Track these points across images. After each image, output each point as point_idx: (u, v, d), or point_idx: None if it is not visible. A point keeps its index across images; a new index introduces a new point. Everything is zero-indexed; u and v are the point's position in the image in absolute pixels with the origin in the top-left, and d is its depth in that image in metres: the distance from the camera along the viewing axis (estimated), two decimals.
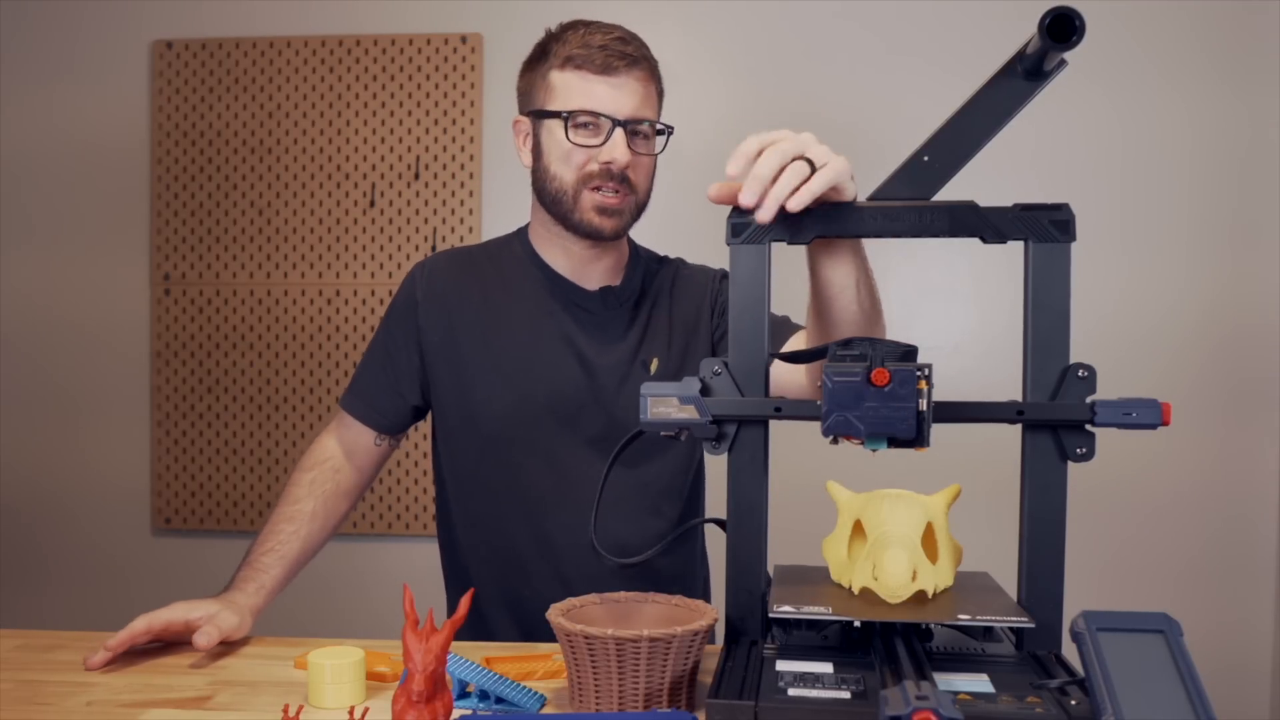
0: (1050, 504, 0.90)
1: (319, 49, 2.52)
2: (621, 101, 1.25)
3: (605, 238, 1.30)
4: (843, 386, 0.83)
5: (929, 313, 2.40)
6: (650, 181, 1.32)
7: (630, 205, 1.29)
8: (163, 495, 2.58)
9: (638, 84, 1.27)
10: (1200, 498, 2.35)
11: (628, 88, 1.25)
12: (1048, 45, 0.82)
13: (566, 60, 1.26)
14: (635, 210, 1.31)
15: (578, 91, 1.25)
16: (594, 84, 1.25)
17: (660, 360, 1.33)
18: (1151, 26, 2.34)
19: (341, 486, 1.38)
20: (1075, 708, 0.75)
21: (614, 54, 1.25)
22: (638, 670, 0.87)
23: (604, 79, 1.25)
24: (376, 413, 1.39)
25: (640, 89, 1.27)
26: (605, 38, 1.26)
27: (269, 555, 1.28)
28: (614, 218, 1.28)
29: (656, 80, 1.31)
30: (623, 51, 1.25)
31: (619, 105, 1.25)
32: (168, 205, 2.56)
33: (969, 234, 0.91)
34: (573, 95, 1.25)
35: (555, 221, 1.32)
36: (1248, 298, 2.33)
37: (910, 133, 1.00)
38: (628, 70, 1.26)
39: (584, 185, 1.27)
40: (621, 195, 1.27)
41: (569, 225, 1.30)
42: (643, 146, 1.28)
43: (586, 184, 1.27)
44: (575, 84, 1.25)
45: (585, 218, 1.28)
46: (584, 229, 1.29)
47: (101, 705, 0.97)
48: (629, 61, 1.26)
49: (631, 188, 1.28)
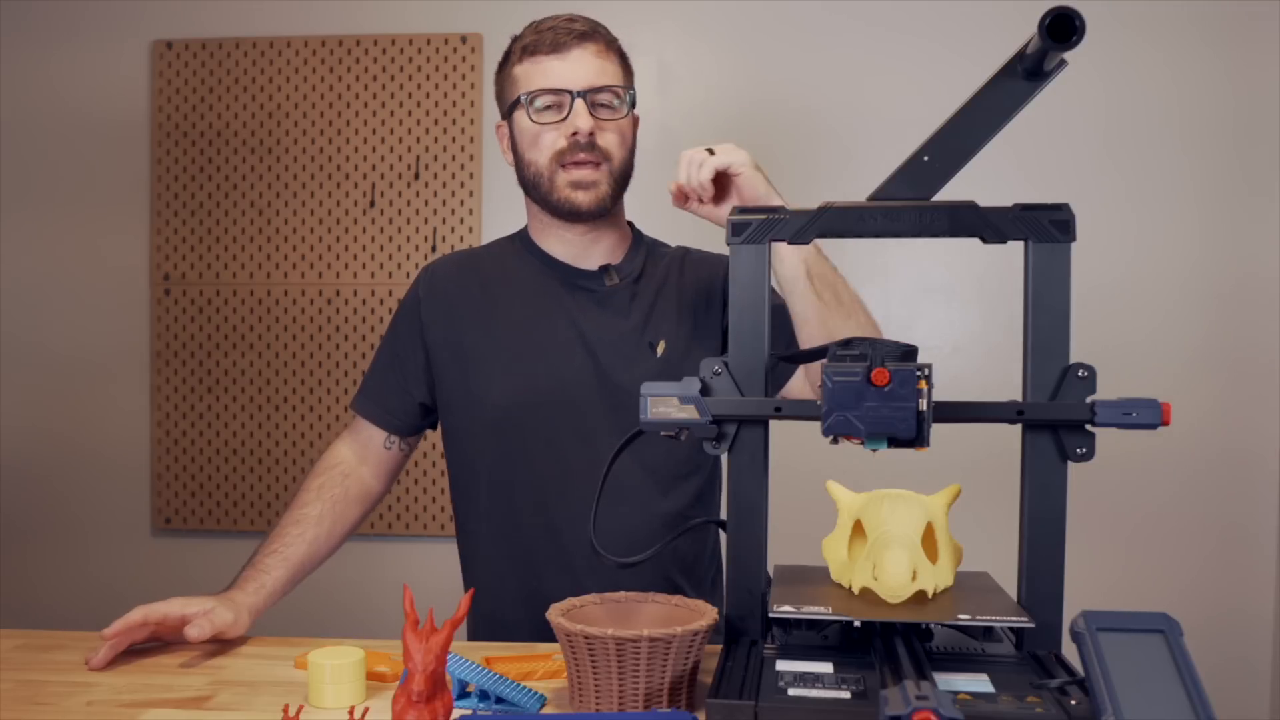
0: (1050, 504, 0.90)
1: (319, 49, 2.52)
2: (576, 73, 1.28)
3: (584, 213, 1.31)
4: (843, 386, 0.83)
5: (929, 313, 2.40)
6: (626, 149, 1.33)
7: (606, 175, 1.30)
8: (163, 495, 2.58)
9: (591, 56, 1.30)
10: (1200, 498, 2.35)
11: (580, 60, 1.29)
12: (1048, 45, 0.82)
13: (523, 51, 1.31)
14: (613, 180, 1.32)
15: (535, 75, 1.30)
16: (547, 64, 1.29)
17: (668, 342, 1.33)
18: (1152, 19, 2.34)
19: (351, 492, 1.38)
20: (1075, 708, 0.75)
21: (562, 32, 1.29)
22: (638, 670, 0.87)
23: (556, 57, 1.29)
24: (386, 412, 1.40)
25: (594, 60, 1.30)
26: (555, 21, 1.31)
27: (272, 557, 1.28)
28: (589, 190, 1.30)
29: (616, 53, 1.34)
30: (569, 28, 1.30)
31: (574, 77, 1.28)
32: (168, 205, 2.56)
33: (969, 234, 0.91)
34: (531, 80, 1.30)
35: (542, 209, 1.34)
36: (1249, 299, 2.33)
37: (909, 132, 1.00)
38: (579, 44, 1.29)
39: (557, 164, 1.29)
40: (594, 165, 1.29)
41: (550, 208, 1.32)
42: (608, 114, 1.30)
43: (559, 162, 1.29)
44: (532, 69, 1.30)
45: (562, 195, 1.30)
46: (563, 207, 1.31)
47: (101, 705, 0.97)
48: (578, 36, 1.29)
49: (604, 155, 1.29)
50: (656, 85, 2.41)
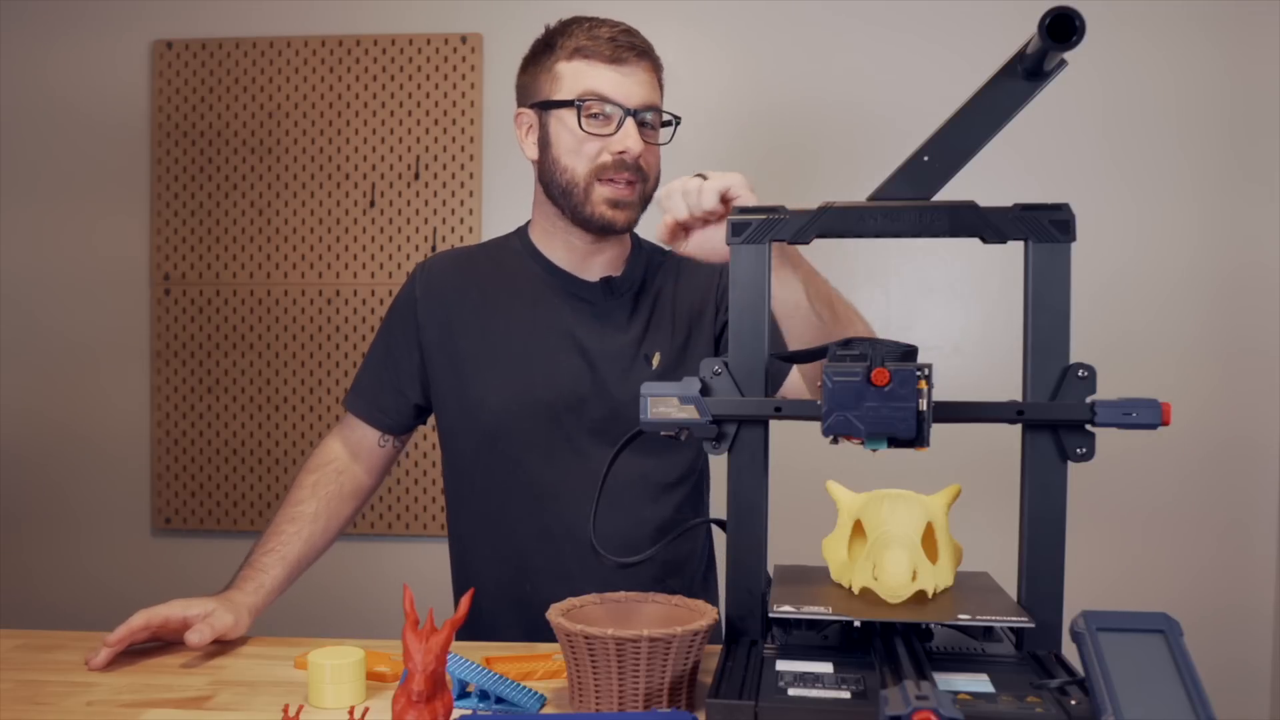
0: (1050, 504, 0.90)
1: (319, 49, 2.52)
2: (631, 90, 1.26)
3: (617, 230, 1.30)
4: (843, 386, 0.83)
5: (929, 313, 2.40)
6: (659, 172, 1.33)
7: (640, 197, 1.30)
8: (163, 495, 2.58)
9: (645, 74, 1.28)
10: (1200, 498, 2.35)
11: (636, 77, 1.27)
12: (1048, 45, 0.82)
13: (575, 51, 1.27)
14: (644, 202, 1.31)
15: (588, 79, 1.26)
16: (604, 72, 1.26)
17: (663, 354, 1.33)
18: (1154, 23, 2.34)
19: (346, 489, 1.37)
20: (1075, 708, 0.75)
21: (622, 45, 1.26)
22: (638, 670, 0.87)
23: (613, 68, 1.26)
24: (379, 411, 1.39)
25: (648, 79, 1.28)
26: (612, 30, 1.28)
27: (269, 555, 1.28)
28: (626, 210, 1.29)
29: (659, 73, 1.33)
30: (630, 43, 1.27)
31: (629, 94, 1.26)
32: (168, 205, 2.55)
33: (969, 234, 0.91)
34: (584, 83, 1.26)
35: (562, 215, 1.31)
36: (1250, 301, 2.33)
37: (910, 132, 1.00)
38: (636, 60, 1.27)
39: (595, 177, 1.27)
40: (633, 187, 1.28)
41: (579, 218, 1.29)
42: (651, 136, 1.30)
43: (599, 176, 1.27)
44: (585, 71, 1.26)
45: (597, 211, 1.28)
46: (596, 222, 1.28)
47: (101, 705, 0.97)
48: (637, 52, 1.27)
49: (643, 175, 1.29)
50: None
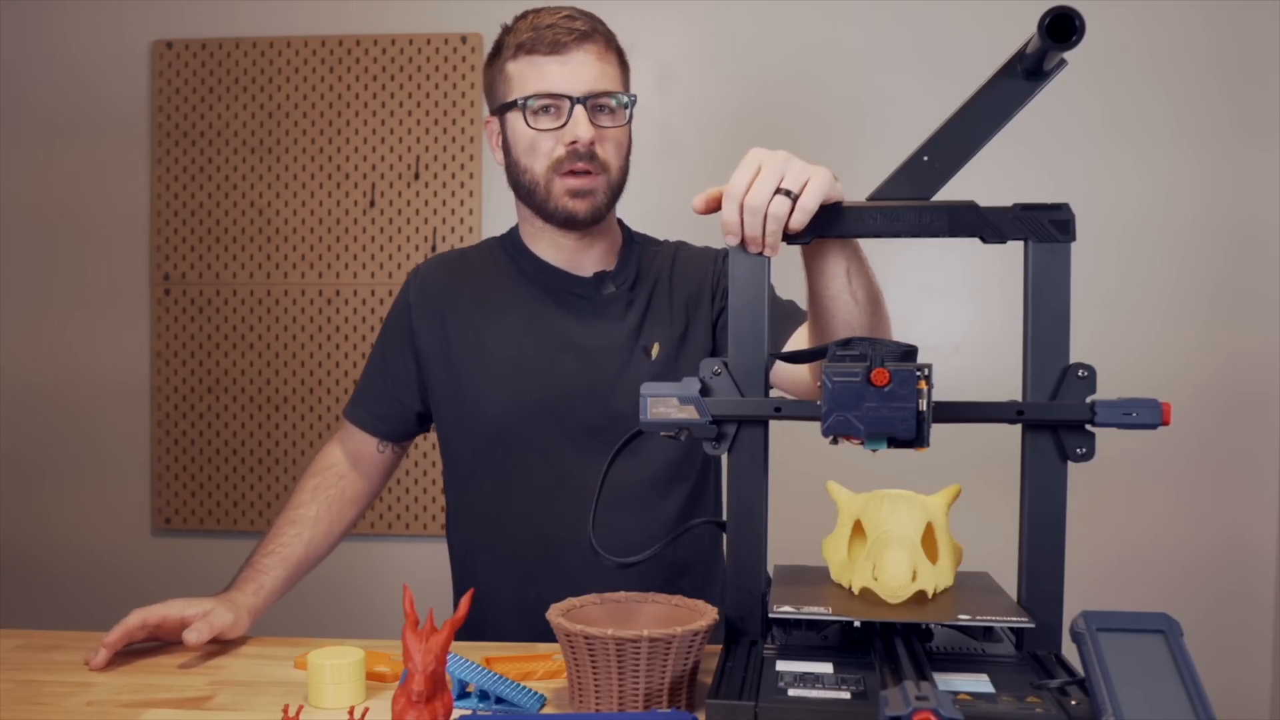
0: (1050, 504, 0.90)
1: (319, 49, 2.52)
2: (576, 78, 1.23)
3: (580, 221, 1.27)
4: (843, 386, 0.83)
5: (929, 313, 2.40)
6: (623, 158, 1.29)
7: (603, 185, 1.26)
8: (163, 495, 2.58)
9: (591, 58, 1.24)
10: (1200, 497, 2.35)
11: (581, 63, 1.23)
12: (1047, 45, 0.82)
13: (518, 49, 1.25)
14: (609, 190, 1.28)
15: (531, 77, 1.24)
16: (546, 65, 1.23)
17: (662, 344, 1.30)
18: (1157, 36, 2.34)
19: (347, 493, 1.37)
20: (1075, 708, 0.75)
21: (562, 31, 1.23)
22: (638, 670, 0.87)
23: (555, 58, 1.23)
24: (377, 419, 1.39)
25: (594, 63, 1.24)
26: (553, 17, 1.24)
27: (270, 557, 1.28)
28: (586, 199, 1.26)
29: (615, 52, 1.29)
30: (570, 28, 1.23)
31: (574, 82, 1.23)
32: (168, 205, 2.55)
33: (969, 234, 0.91)
34: (527, 81, 1.24)
35: (535, 214, 1.30)
36: (1251, 301, 2.33)
37: (910, 132, 1.00)
38: (578, 45, 1.23)
39: (555, 172, 1.25)
40: (592, 175, 1.25)
41: (545, 215, 1.28)
42: (608, 120, 1.26)
43: (557, 170, 1.25)
44: (528, 70, 1.24)
45: (559, 204, 1.26)
46: (559, 216, 1.27)
47: (101, 705, 0.97)
48: (579, 36, 1.23)
49: (602, 165, 1.25)
50: (656, 85, 2.40)
